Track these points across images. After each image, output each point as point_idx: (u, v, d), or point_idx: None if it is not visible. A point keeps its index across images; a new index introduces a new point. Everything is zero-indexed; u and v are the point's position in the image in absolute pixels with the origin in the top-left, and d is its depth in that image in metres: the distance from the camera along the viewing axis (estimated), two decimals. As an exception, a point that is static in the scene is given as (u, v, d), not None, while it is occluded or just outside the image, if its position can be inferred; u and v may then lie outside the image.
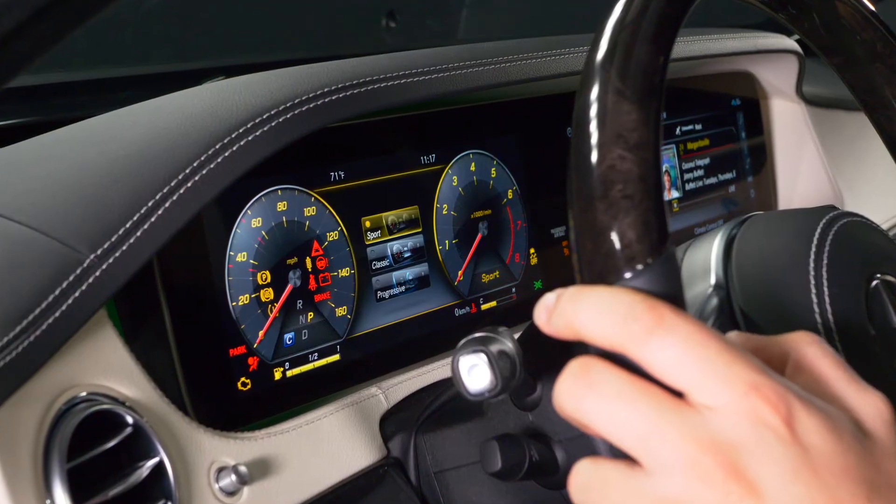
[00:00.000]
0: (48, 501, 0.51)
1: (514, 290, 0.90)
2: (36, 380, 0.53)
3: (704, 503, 0.34)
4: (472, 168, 0.87)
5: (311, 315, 0.74)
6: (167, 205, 0.58)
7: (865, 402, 0.39)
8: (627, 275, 0.38)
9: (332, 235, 0.76)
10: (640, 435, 0.35)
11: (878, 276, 0.63)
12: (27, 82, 1.04)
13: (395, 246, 0.80)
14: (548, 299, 0.40)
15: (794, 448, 0.34)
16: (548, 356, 0.59)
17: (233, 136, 0.62)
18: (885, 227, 1.27)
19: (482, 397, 0.54)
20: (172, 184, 0.58)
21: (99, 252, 0.55)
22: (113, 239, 0.55)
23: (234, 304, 0.69)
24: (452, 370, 0.54)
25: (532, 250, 0.92)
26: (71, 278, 0.53)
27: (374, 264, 0.79)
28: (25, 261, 0.54)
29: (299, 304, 0.73)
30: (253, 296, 0.70)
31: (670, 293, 0.38)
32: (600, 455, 0.39)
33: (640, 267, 0.38)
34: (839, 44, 0.57)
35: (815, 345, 0.41)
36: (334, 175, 0.76)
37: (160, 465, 0.57)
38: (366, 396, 0.74)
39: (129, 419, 0.56)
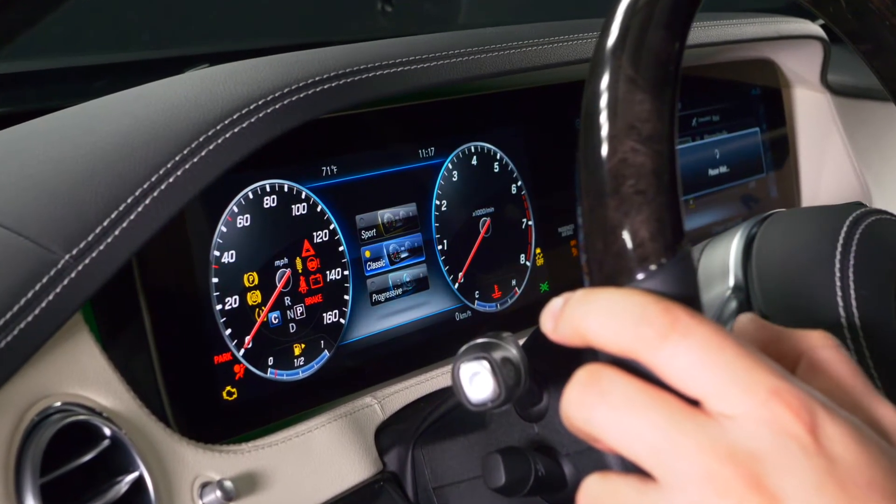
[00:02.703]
0: (20, 519, 0.51)
1: (518, 292, 0.90)
2: (7, 389, 0.53)
3: (723, 518, 0.34)
4: (474, 162, 0.87)
5: (301, 320, 0.74)
6: (147, 202, 0.58)
7: (884, 412, 0.39)
8: (640, 276, 0.38)
9: (324, 234, 0.76)
10: (654, 447, 0.35)
11: (909, 277, 0.63)
12: (-3, 70, 1.04)
13: (392, 246, 0.81)
14: (554, 304, 0.40)
15: (818, 459, 0.35)
16: (555, 363, 0.59)
17: (218, 127, 0.62)
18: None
19: (485, 407, 0.54)
20: (153, 179, 0.59)
21: (74, 252, 0.55)
22: (89, 238, 0.55)
23: (218, 307, 0.69)
24: (453, 378, 0.54)
25: (538, 250, 0.92)
26: (44, 280, 0.53)
27: (369, 265, 0.79)
28: (-4, 261, 0.54)
29: (289, 307, 0.73)
30: (239, 299, 0.70)
31: (686, 295, 0.38)
32: (611, 469, 0.39)
33: (653, 267, 0.38)
34: (867, 29, 0.57)
35: (831, 349, 0.41)
36: (326, 170, 0.76)
37: (140, 480, 0.57)
38: (360, 407, 0.74)
39: (107, 431, 0.56)
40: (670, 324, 0.36)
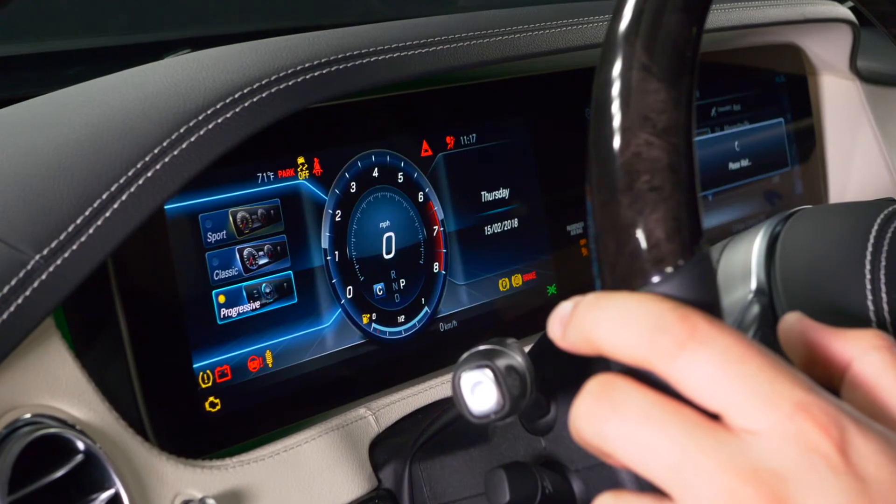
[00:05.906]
0: (-13, 540, 0.51)
1: (524, 295, 0.90)
2: (-28, 400, 0.53)
3: (743, 541, 0.34)
4: (476, 155, 0.87)
5: (291, 324, 0.74)
6: (124, 198, 0.58)
7: None
8: (655, 278, 0.38)
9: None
10: (671, 464, 0.35)
11: (945, 280, 0.63)
12: (-37, 57, 1.04)
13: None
14: (563, 309, 0.40)
15: (847, 478, 0.34)
16: (563, 373, 0.59)
17: (199, 118, 0.62)
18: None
19: (488, 419, 0.54)
20: (130, 174, 0.58)
21: (45, 252, 0.55)
22: (61, 237, 0.55)
23: (201, 312, 0.69)
24: (453, 388, 0.54)
25: (545, 250, 0.92)
26: (13, 282, 0.53)
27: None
28: (-40, 262, 0.54)
29: (277, 311, 0.73)
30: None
31: (704, 300, 0.38)
32: (624, 487, 0.39)
33: (669, 269, 0.38)
34: (899, 12, 0.57)
35: (882, 351, 0.40)
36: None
37: (116, 497, 0.57)
38: (353, 419, 0.74)
39: (81, 445, 0.56)
40: (688, 332, 0.36)
